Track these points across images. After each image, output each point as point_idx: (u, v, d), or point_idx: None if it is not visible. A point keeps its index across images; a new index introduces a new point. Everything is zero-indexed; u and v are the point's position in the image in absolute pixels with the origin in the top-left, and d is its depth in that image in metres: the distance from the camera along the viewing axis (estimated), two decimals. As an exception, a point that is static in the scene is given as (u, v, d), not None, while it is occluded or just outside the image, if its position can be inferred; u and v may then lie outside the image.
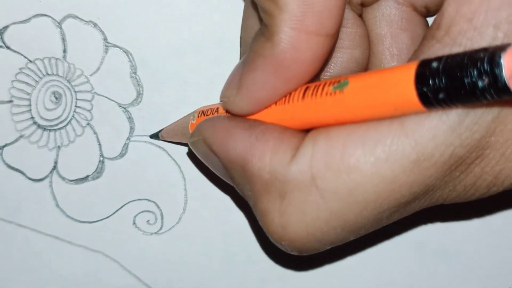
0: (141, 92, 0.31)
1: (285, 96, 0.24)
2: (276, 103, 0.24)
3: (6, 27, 0.31)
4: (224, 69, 0.31)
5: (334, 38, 0.23)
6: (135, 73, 0.31)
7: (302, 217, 0.23)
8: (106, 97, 0.31)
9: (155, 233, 0.32)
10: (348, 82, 0.22)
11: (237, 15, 0.29)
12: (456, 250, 0.33)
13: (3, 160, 0.32)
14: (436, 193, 0.22)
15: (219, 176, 0.26)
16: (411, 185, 0.21)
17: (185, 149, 0.32)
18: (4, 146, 0.32)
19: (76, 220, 0.32)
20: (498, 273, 0.32)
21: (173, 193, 0.32)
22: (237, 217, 0.33)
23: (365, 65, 0.28)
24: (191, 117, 0.29)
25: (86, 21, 0.31)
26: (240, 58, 0.27)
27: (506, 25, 0.20)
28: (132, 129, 0.32)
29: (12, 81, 0.31)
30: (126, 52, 0.31)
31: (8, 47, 0.31)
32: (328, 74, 0.27)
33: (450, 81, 0.19)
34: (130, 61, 0.31)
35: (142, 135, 0.32)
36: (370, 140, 0.21)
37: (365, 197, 0.22)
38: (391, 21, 0.27)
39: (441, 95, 0.19)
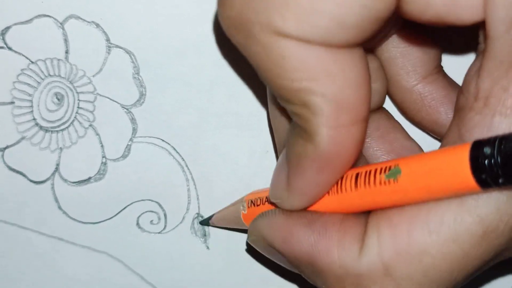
0: (144, 93, 0.31)
1: (336, 184, 0.25)
2: (328, 192, 0.25)
3: (8, 28, 0.30)
4: (227, 70, 0.31)
5: (368, 117, 0.23)
6: (138, 74, 0.31)
7: None
8: (108, 98, 0.31)
9: (158, 233, 0.33)
10: (400, 170, 0.22)
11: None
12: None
13: (5, 162, 0.31)
14: (505, 252, 0.23)
15: (287, 268, 0.26)
16: (481, 256, 0.22)
17: (187, 149, 0.32)
18: (5, 148, 0.31)
19: (79, 222, 0.32)
20: (499, 274, 0.33)
21: (176, 193, 0.32)
22: (239, 216, 0.33)
23: (385, 94, 0.29)
24: (241, 206, 0.29)
25: (88, 22, 0.30)
26: (276, 145, 0.28)
27: None
28: (135, 130, 0.32)
29: (14, 82, 0.31)
30: (128, 52, 0.31)
31: (9, 48, 0.30)
32: None
33: (507, 168, 0.19)
34: (132, 62, 0.31)
35: (145, 136, 0.32)
36: (433, 222, 0.22)
37: (440, 275, 0.23)
38: (396, 42, 0.28)
39: (500, 180, 0.20)
